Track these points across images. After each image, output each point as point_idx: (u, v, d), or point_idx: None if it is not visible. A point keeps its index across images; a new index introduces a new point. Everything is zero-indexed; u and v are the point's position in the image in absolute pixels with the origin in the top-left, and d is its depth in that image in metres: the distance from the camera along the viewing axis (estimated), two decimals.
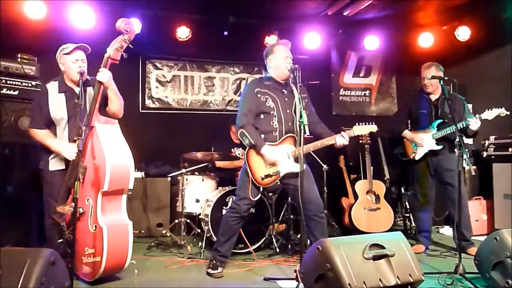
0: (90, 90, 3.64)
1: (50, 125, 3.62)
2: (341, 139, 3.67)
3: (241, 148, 5.14)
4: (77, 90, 3.49)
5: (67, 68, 3.61)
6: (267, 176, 3.68)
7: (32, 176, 4.34)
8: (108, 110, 3.65)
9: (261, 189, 3.75)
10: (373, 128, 3.82)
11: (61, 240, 3.32)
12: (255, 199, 3.75)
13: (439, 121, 4.50)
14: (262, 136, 3.73)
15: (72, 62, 3.57)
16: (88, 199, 3.43)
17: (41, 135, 3.59)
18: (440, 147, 4.47)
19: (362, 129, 3.79)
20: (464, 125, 4.23)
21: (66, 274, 2.70)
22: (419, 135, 4.59)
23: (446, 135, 4.39)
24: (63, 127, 3.61)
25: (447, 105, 4.23)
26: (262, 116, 3.77)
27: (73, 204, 3.02)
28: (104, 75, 3.47)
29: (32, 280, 2.29)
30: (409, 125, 4.79)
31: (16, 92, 4.55)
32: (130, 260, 3.45)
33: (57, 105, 3.59)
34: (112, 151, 3.41)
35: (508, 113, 4.22)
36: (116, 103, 3.62)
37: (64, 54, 3.61)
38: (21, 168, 4.47)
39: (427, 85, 4.53)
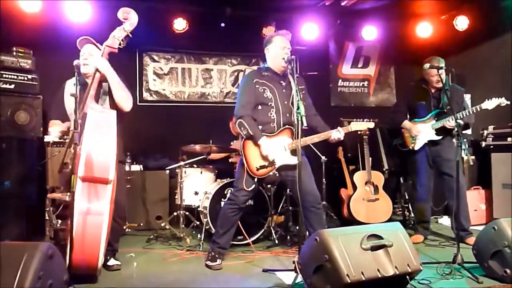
0: (105, 86, 3.57)
1: (67, 119, 3.64)
2: (336, 134, 3.67)
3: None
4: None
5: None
6: (262, 167, 3.67)
7: (29, 170, 4.35)
8: (116, 104, 3.54)
9: (255, 179, 3.73)
10: (370, 124, 3.83)
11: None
12: (250, 189, 3.73)
13: (438, 111, 4.49)
14: (260, 127, 3.72)
15: (80, 56, 3.58)
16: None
17: (49, 124, 3.67)
18: (439, 137, 4.47)
19: (360, 125, 3.81)
20: (464, 116, 4.22)
21: (64, 267, 2.69)
22: (417, 126, 4.57)
23: (445, 125, 4.38)
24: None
25: (446, 96, 4.21)
26: (259, 107, 3.75)
27: (64, 193, 3.00)
28: (97, 60, 3.41)
29: (29, 274, 2.28)
30: (409, 116, 4.77)
31: (12, 86, 4.53)
32: (129, 254, 3.41)
33: (71, 99, 3.56)
34: (91, 137, 3.23)
35: (509, 102, 4.19)
36: (118, 94, 3.50)
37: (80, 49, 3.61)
38: (18, 162, 4.47)
39: (433, 80, 4.46)
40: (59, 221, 3.34)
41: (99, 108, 3.46)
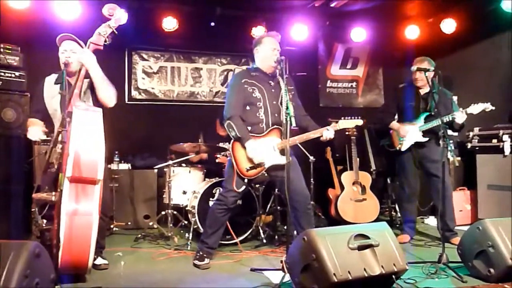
0: (86, 82, 3.52)
1: (48, 116, 3.58)
2: (327, 133, 3.69)
3: (227, 143, 5.14)
4: (72, 82, 3.41)
5: (60, 59, 3.55)
6: (251, 167, 3.68)
7: (16, 168, 4.30)
8: (100, 100, 3.50)
9: (246, 180, 3.73)
10: (359, 122, 3.86)
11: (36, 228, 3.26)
12: (240, 190, 3.74)
13: (426, 114, 4.54)
14: (249, 128, 3.72)
15: (61, 53, 3.52)
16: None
17: (28, 122, 3.59)
18: (426, 139, 4.51)
19: (348, 123, 3.83)
20: (450, 119, 4.28)
21: (51, 266, 2.68)
22: (405, 127, 4.61)
23: (433, 128, 4.43)
24: (58, 118, 3.53)
25: (433, 99, 4.26)
26: (248, 107, 3.75)
27: (49, 193, 2.98)
28: (83, 55, 3.35)
29: (16, 272, 2.27)
30: (397, 117, 4.82)
31: None
32: (117, 253, 3.39)
33: (51, 97, 3.53)
34: (78, 136, 3.16)
35: (494, 108, 4.26)
36: (102, 90, 3.45)
37: (59, 45, 3.56)
38: (5, 160, 4.42)
39: (417, 79, 4.55)
40: (45, 221, 3.29)
41: (84, 106, 3.38)
